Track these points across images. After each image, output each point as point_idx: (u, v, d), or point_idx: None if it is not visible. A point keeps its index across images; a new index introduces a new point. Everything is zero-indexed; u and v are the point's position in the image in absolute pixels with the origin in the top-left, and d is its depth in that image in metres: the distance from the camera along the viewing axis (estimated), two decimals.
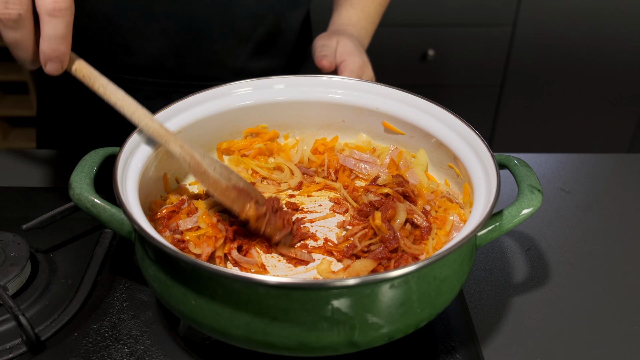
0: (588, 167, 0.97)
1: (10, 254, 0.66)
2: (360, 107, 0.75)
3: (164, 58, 0.95)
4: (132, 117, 0.61)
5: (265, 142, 0.77)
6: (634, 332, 0.66)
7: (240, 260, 0.62)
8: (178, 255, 0.49)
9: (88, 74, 0.60)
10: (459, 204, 0.68)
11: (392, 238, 0.62)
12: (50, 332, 0.62)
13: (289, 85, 0.76)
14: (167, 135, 0.62)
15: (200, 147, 0.74)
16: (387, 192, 0.68)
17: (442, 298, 0.55)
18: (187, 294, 0.52)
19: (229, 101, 0.73)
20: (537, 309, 0.69)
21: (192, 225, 0.62)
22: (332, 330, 0.50)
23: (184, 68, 0.96)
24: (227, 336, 0.52)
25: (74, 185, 0.58)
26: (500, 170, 0.60)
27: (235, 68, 0.99)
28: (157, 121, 0.62)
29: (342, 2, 1.07)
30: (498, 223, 0.59)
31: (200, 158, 0.63)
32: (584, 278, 0.73)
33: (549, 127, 2.32)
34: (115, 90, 0.61)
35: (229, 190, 0.62)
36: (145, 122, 0.61)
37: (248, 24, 0.98)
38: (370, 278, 0.48)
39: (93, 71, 0.60)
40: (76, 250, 0.73)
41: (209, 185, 0.62)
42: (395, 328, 0.52)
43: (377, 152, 0.77)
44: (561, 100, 2.25)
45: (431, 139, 0.71)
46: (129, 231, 0.58)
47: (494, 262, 0.75)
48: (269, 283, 0.47)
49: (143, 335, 0.62)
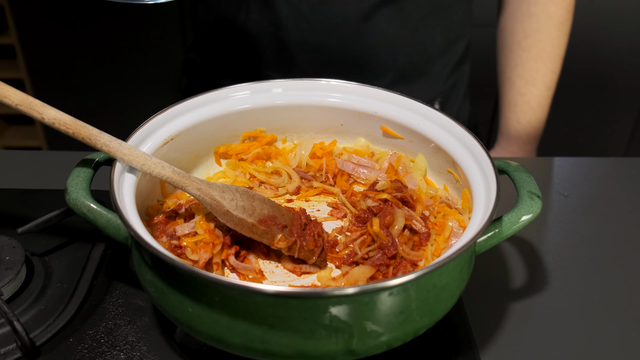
0: (586, 171, 0.97)
1: (5, 257, 0.66)
2: (358, 111, 0.75)
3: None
4: (143, 168, 0.59)
5: (263, 146, 0.77)
6: (634, 338, 0.66)
7: (237, 266, 0.61)
8: (175, 263, 0.48)
9: (87, 135, 0.58)
10: (458, 210, 0.67)
11: (391, 245, 0.62)
12: (45, 338, 0.61)
13: (286, 89, 0.75)
14: (183, 180, 0.60)
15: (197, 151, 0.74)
16: (385, 197, 0.68)
17: (441, 305, 0.54)
18: (184, 301, 0.51)
19: (227, 105, 0.73)
20: (536, 314, 0.68)
21: (189, 230, 0.61)
22: (330, 338, 0.49)
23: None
24: (224, 344, 0.52)
25: (70, 190, 0.58)
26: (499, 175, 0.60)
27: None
28: (168, 168, 0.60)
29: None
30: (497, 230, 0.59)
31: (220, 196, 0.61)
32: (583, 283, 0.73)
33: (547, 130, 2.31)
34: (119, 145, 0.59)
35: (255, 227, 0.61)
36: (157, 171, 0.60)
37: (387, 52, 0.97)
38: (369, 287, 0.47)
39: (93, 131, 0.59)
40: (72, 254, 0.72)
41: (234, 225, 0.61)
42: (394, 336, 0.52)
43: (376, 157, 0.77)
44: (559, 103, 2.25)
45: (430, 143, 0.71)
46: (126, 237, 0.58)
47: (493, 268, 0.75)
48: (266, 292, 0.47)
49: (139, 342, 0.62)
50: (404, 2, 0.96)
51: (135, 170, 0.61)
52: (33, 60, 2.37)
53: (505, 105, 1.10)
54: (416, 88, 1.05)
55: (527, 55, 1.05)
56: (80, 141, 0.59)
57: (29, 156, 0.97)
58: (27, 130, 2.60)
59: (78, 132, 0.58)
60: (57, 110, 0.58)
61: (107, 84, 2.40)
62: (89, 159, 0.62)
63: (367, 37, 0.96)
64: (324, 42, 0.96)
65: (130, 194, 0.59)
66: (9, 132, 2.60)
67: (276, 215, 0.63)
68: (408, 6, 0.97)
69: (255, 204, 0.63)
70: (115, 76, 2.37)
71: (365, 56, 0.98)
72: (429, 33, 1.01)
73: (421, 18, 0.98)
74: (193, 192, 0.60)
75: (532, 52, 1.04)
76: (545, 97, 1.07)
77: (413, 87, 1.05)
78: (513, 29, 1.05)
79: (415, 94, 1.04)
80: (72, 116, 0.58)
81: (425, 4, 0.98)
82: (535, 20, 1.02)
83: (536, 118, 1.09)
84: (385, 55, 0.99)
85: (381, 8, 0.95)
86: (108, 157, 0.63)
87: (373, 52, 0.98)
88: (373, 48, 0.98)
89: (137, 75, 2.37)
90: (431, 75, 1.06)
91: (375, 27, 0.96)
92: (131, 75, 2.37)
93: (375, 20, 0.96)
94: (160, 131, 0.67)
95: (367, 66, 0.98)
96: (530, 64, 1.05)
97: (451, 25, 1.04)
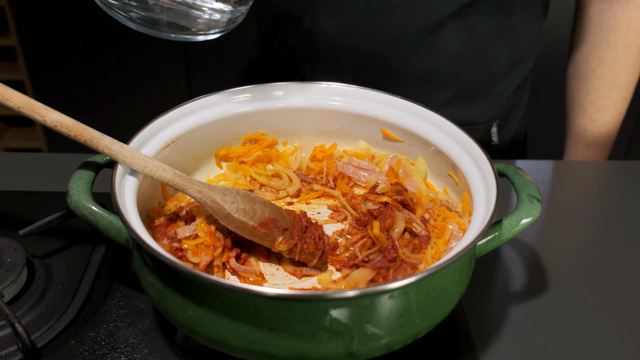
0: (586, 174, 0.97)
1: (6, 259, 0.66)
2: (359, 115, 0.75)
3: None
4: (144, 171, 0.60)
5: (263, 148, 0.77)
6: (634, 342, 0.66)
7: (238, 269, 0.62)
8: (176, 265, 0.48)
9: (89, 137, 0.59)
10: (458, 213, 0.67)
11: (391, 247, 0.62)
12: (46, 340, 0.61)
13: (287, 92, 0.75)
14: (184, 183, 0.61)
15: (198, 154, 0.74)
16: (385, 200, 0.68)
17: (441, 308, 0.54)
18: (185, 303, 0.52)
19: (228, 107, 0.73)
20: (535, 317, 0.68)
21: (190, 233, 0.62)
22: (330, 341, 0.50)
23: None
24: (225, 346, 0.52)
25: (71, 193, 0.58)
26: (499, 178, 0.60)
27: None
28: (170, 171, 0.61)
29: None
30: (497, 233, 0.59)
31: (221, 199, 0.61)
32: (582, 286, 0.73)
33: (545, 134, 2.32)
34: (121, 148, 0.59)
35: (255, 229, 0.61)
36: (158, 174, 0.60)
37: (449, 69, 0.96)
38: (370, 289, 0.48)
39: (95, 134, 0.59)
40: (73, 256, 0.72)
41: (235, 227, 0.61)
42: (395, 339, 0.52)
43: (376, 160, 0.77)
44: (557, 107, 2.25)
45: (430, 146, 0.71)
46: (127, 239, 0.58)
47: (492, 271, 0.75)
48: (267, 294, 0.47)
49: (140, 344, 0.62)
50: (474, 19, 0.95)
51: (136, 172, 0.61)
52: (34, 62, 2.37)
53: (574, 129, 1.10)
54: (475, 107, 1.04)
55: (600, 83, 1.04)
56: (82, 144, 0.59)
57: (31, 158, 0.97)
58: (27, 132, 2.60)
59: (80, 134, 0.58)
60: (59, 113, 0.58)
61: (108, 85, 2.40)
62: (90, 162, 0.62)
63: (431, 52, 0.96)
64: (387, 53, 0.95)
65: (132, 196, 0.59)
66: (9, 134, 2.60)
67: (277, 218, 0.63)
68: (477, 23, 0.96)
69: (256, 206, 0.63)
70: (116, 78, 2.38)
71: (427, 71, 0.97)
72: (494, 53, 1.00)
73: (489, 36, 0.98)
74: (194, 194, 0.61)
75: (607, 80, 1.04)
76: (616, 123, 1.07)
77: (472, 106, 1.04)
78: (588, 55, 1.05)
79: (474, 113, 1.03)
80: (73, 119, 0.58)
81: (494, 22, 0.97)
82: (613, 48, 1.02)
83: (605, 143, 1.09)
84: (447, 72, 0.98)
85: (449, 23, 0.95)
86: (109, 160, 0.63)
87: (435, 67, 0.97)
88: (435, 63, 0.97)
89: (138, 77, 2.37)
90: (492, 95, 1.05)
91: (440, 42, 0.95)
92: (132, 77, 2.37)
93: (441, 35, 0.95)
94: (161, 134, 0.67)
95: (428, 81, 0.98)
96: (603, 92, 1.05)
97: (518, 46, 1.03)
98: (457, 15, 0.94)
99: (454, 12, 0.93)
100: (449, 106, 1.01)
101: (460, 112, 1.03)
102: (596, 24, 1.02)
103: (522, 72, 1.08)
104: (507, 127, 1.13)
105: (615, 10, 1.00)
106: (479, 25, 0.96)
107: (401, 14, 0.94)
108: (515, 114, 1.14)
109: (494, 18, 0.96)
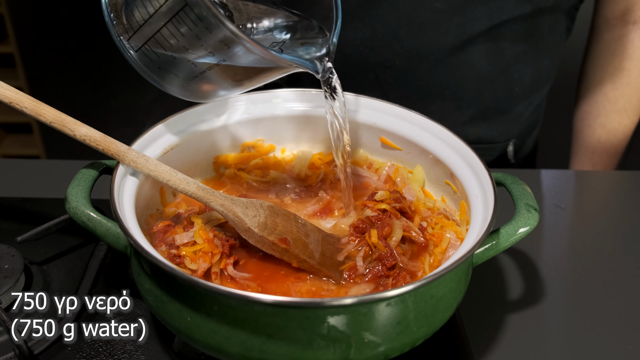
0: (582, 184, 0.98)
1: (4, 266, 0.66)
2: (357, 122, 0.75)
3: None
4: (168, 183, 0.61)
5: (262, 156, 0.77)
6: (629, 351, 0.66)
7: (236, 276, 0.61)
8: (174, 272, 0.48)
9: (116, 151, 0.60)
10: (456, 222, 0.68)
11: (389, 255, 0.62)
12: (43, 346, 0.61)
13: (286, 100, 0.76)
14: (207, 196, 0.61)
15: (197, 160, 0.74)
16: (384, 207, 0.68)
17: (438, 316, 0.55)
18: (182, 310, 0.52)
19: (227, 115, 0.73)
20: (532, 326, 0.69)
21: (188, 240, 0.62)
22: (328, 348, 0.50)
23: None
24: (222, 353, 0.52)
25: (70, 199, 0.58)
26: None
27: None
28: (193, 184, 0.61)
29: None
30: (495, 242, 0.60)
31: (242, 212, 0.61)
32: (578, 295, 0.74)
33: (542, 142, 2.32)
34: (146, 162, 0.61)
35: (275, 245, 0.61)
36: (182, 187, 0.61)
37: (474, 86, 0.96)
38: (367, 297, 0.48)
39: (121, 147, 0.61)
40: (71, 262, 0.72)
41: (256, 242, 0.61)
42: (392, 347, 0.52)
43: (374, 168, 0.77)
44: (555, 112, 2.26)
45: (428, 155, 0.72)
46: (125, 245, 0.58)
47: (490, 279, 0.75)
48: (265, 301, 0.47)
49: (137, 350, 0.62)
50: (502, 39, 0.96)
51: (134, 179, 0.61)
52: (32, 69, 2.38)
53: (581, 149, 1.12)
54: (494, 126, 1.05)
55: (612, 107, 1.06)
56: (109, 157, 0.61)
57: (29, 165, 0.97)
58: (25, 139, 2.59)
59: (107, 148, 0.60)
60: (88, 127, 0.61)
61: (107, 93, 2.40)
62: (89, 168, 0.63)
63: (457, 69, 0.96)
64: (413, 68, 0.95)
65: (130, 202, 0.59)
66: (7, 141, 2.59)
67: (300, 235, 0.63)
68: (505, 43, 0.96)
69: (278, 220, 0.63)
70: (116, 86, 2.38)
71: (451, 87, 0.97)
72: (518, 73, 1.00)
73: (514, 57, 0.98)
74: (217, 207, 0.61)
75: (618, 105, 1.05)
76: (622, 146, 1.09)
77: (492, 124, 1.04)
78: (601, 79, 1.06)
79: (493, 132, 1.04)
80: (101, 132, 0.60)
81: (521, 43, 0.98)
82: (627, 74, 1.03)
83: (611, 163, 1.11)
84: (472, 90, 0.99)
85: (477, 42, 0.95)
86: (108, 166, 0.64)
87: (460, 84, 0.98)
88: (461, 81, 0.97)
89: (138, 85, 2.38)
90: (512, 115, 1.06)
91: (467, 60, 0.96)
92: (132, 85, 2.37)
93: (469, 52, 0.95)
94: (160, 140, 0.68)
95: (451, 97, 0.98)
96: (614, 115, 1.06)
97: (542, 68, 1.03)
98: (486, 34, 0.94)
99: (484, 31, 0.94)
100: (470, 124, 1.01)
101: (480, 130, 1.03)
102: (612, 50, 1.04)
103: (542, 94, 1.09)
104: (524, 146, 1.14)
105: (632, 38, 1.02)
106: (506, 45, 0.96)
107: (432, 30, 0.93)
108: (532, 133, 1.15)
109: (521, 39, 0.97)
